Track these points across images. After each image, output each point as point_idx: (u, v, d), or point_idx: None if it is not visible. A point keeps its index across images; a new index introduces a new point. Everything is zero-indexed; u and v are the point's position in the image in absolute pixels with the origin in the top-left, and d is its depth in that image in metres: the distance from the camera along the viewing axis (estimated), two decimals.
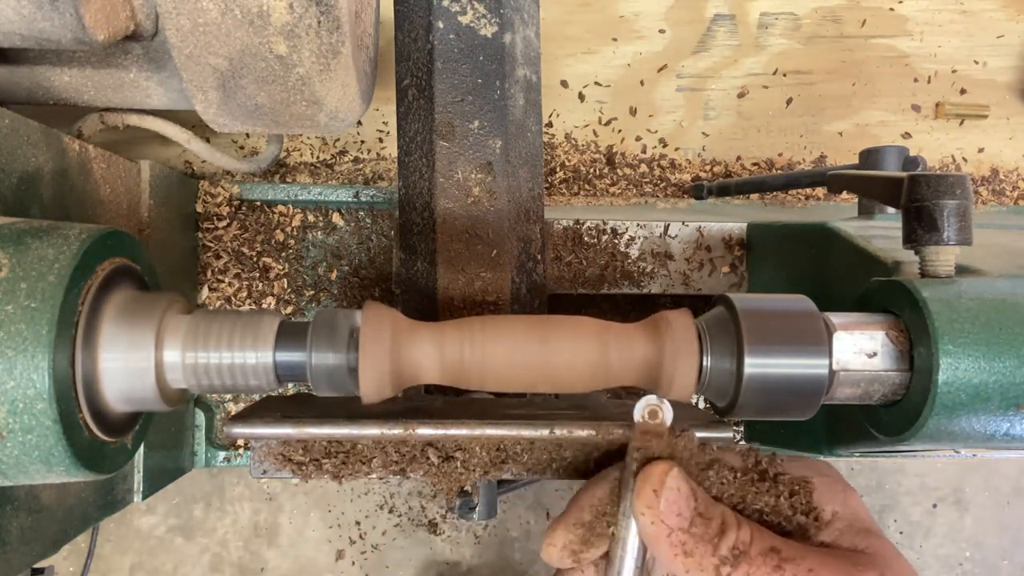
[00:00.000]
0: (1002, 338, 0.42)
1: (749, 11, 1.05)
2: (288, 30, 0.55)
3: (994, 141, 1.07)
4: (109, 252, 0.41)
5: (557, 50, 1.03)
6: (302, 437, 0.45)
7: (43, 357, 0.36)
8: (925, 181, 0.47)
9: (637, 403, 0.44)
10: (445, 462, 0.46)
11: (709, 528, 0.41)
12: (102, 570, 0.98)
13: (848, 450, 0.61)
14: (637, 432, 0.43)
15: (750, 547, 0.41)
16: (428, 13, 0.61)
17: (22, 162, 0.54)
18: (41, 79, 0.64)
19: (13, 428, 0.36)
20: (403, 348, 0.43)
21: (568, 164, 1.02)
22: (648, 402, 0.44)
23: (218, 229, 0.86)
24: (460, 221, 0.61)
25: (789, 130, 1.06)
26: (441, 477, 0.46)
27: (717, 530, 0.42)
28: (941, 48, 1.07)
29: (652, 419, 0.43)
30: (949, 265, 0.47)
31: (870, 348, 0.44)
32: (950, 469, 1.08)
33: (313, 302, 0.88)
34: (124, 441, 0.44)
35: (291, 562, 1.00)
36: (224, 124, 0.64)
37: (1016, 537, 1.08)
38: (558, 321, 0.45)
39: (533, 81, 0.65)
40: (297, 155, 0.98)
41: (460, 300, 0.61)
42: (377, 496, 1.01)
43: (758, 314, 0.43)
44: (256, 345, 0.42)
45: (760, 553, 0.41)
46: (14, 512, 0.53)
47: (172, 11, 0.54)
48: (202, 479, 0.99)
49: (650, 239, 0.80)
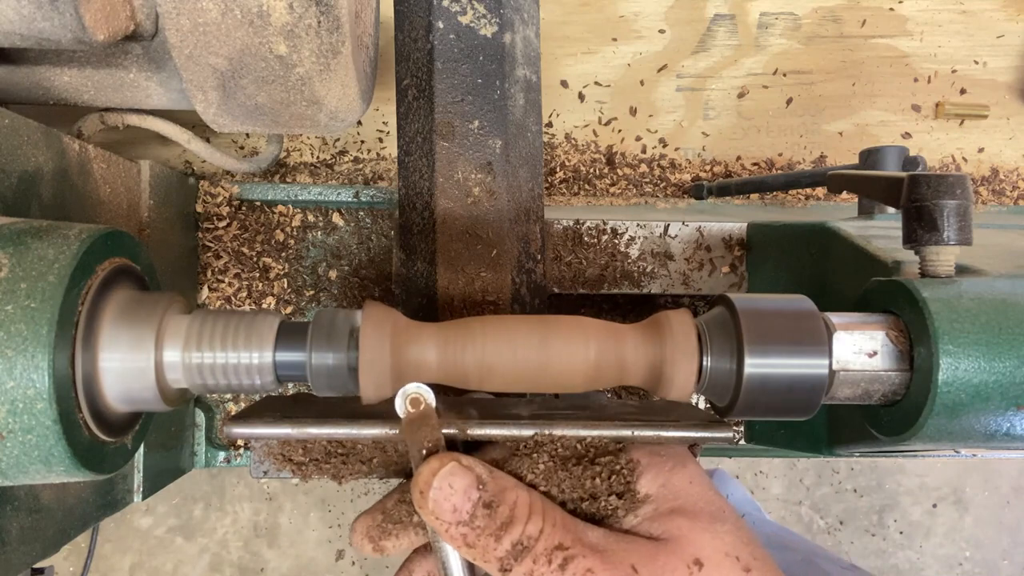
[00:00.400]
0: (1002, 338, 0.42)
1: (749, 11, 1.05)
2: (288, 30, 0.55)
3: (994, 141, 1.07)
4: (109, 252, 0.41)
5: (557, 50, 1.03)
6: (302, 437, 0.45)
7: (43, 357, 0.36)
8: (925, 181, 0.47)
9: (396, 397, 0.42)
10: None
11: (493, 520, 0.40)
12: (102, 570, 0.98)
13: (848, 450, 0.61)
14: (405, 426, 0.42)
15: (536, 542, 0.40)
16: (428, 13, 0.61)
17: (22, 162, 0.54)
18: (41, 79, 0.64)
19: (13, 428, 0.36)
20: (403, 348, 0.43)
21: (568, 164, 1.02)
22: (406, 392, 0.42)
23: (218, 229, 0.86)
24: (460, 221, 0.61)
25: (789, 130, 1.06)
26: None
27: (503, 522, 0.40)
28: (941, 48, 1.07)
29: (415, 407, 0.42)
30: (949, 265, 0.47)
31: (870, 348, 0.44)
32: (950, 469, 1.08)
33: (313, 302, 0.88)
34: (124, 441, 0.44)
35: (291, 562, 1.00)
36: (224, 124, 0.64)
37: (1016, 537, 1.08)
38: (558, 321, 0.45)
39: (533, 81, 0.65)
40: (297, 155, 0.98)
41: (460, 300, 0.61)
42: (377, 496, 1.01)
43: (758, 314, 0.43)
44: (256, 345, 0.42)
45: (545, 549, 0.40)
46: (14, 512, 0.53)
47: (172, 11, 0.54)
48: (202, 479, 0.99)
49: (650, 239, 0.80)
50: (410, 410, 0.42)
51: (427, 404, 0.42)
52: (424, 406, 0.42)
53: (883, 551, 1.30)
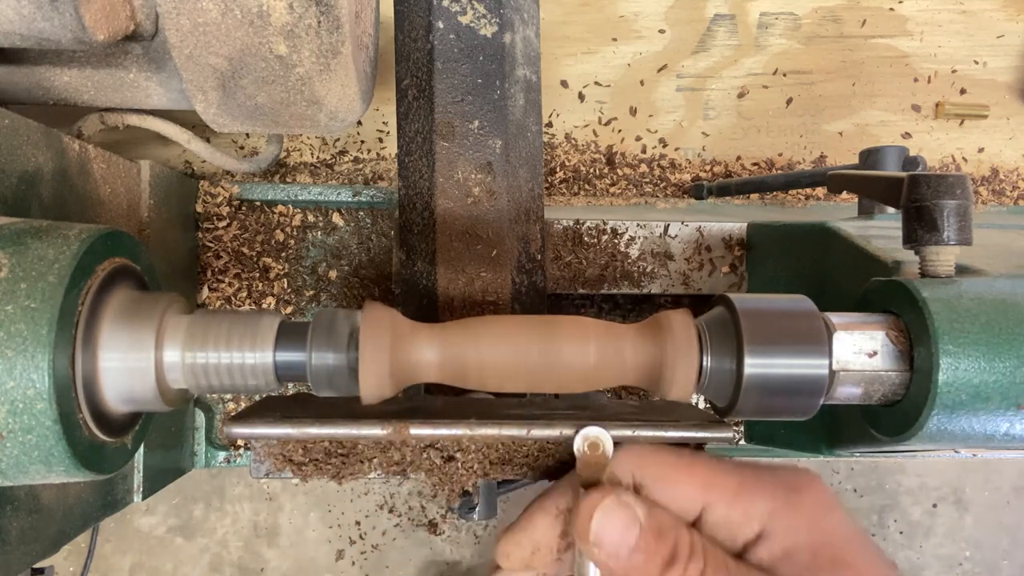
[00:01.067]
0: (1002, 338, 0.42)
1: (749, 11, 1.05)
2: (288, 30, 0.55)
3: (994, 141, 1.07)
4: (109, 252, 0.41)
5: (557, 50, 1.03)
6: (302, 437, 0.45)
7: (43, 357, 0.36)
8: (925, 181, 0.47)
9: (575, 438, 0.43)
10: (446, 462, 0.46)
11: (656, 556, 0.40)
12: (102, 570, 0.98)
13: (848, 450, 0.61)
14: (579, 467, 0.43)
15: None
16: (428, 13, 0.61)
17: (22, 162, 0.54)
18: (41, 79, 0.64)
19: (13, 428, 0.36)
20: (403, 348, 0.43)
21: (568, 164, 1.02)
22: (587, 436, 0.43)
23: (218, 229, 0.86)
24: (460, 221, 0.61)
25: (789, 130, 1.06)
26: (442, 477, 0.46)
27: (666, 558, 0.40)
28: (941, 48, 1.07)
29: (593, 451, 0.43)
30: (949, 265, 0.47)
31: (870, 348, 0.44)
32: (950, 469, 1.08)
33: (313, 302, 0.88)
34: (124, 441, 0.44)
35: (291, 562, 1.00)
36: (224, 124, 0.64)
37: (1016, 537, 1.08)
38: (558, 321, 0.45)
39: (533, 81, 0.65)
40: (297, 155, 0.98)
41: (460, 300, 0.61)
42: (377, 496, 1.01)
43: (758, 314, 0.43)
44: (256, 345, 0.42)
45: None
46: (14, 512, 0.53)
47: (172, 11, 0.54)
48: (202, 479, 0.99)
49: (650, 239, 0.80)
50: (586, 452, 0.43)
51: (604, 452, 0.43)
52: (601, 453, 0.43)
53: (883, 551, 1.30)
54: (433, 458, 0.46)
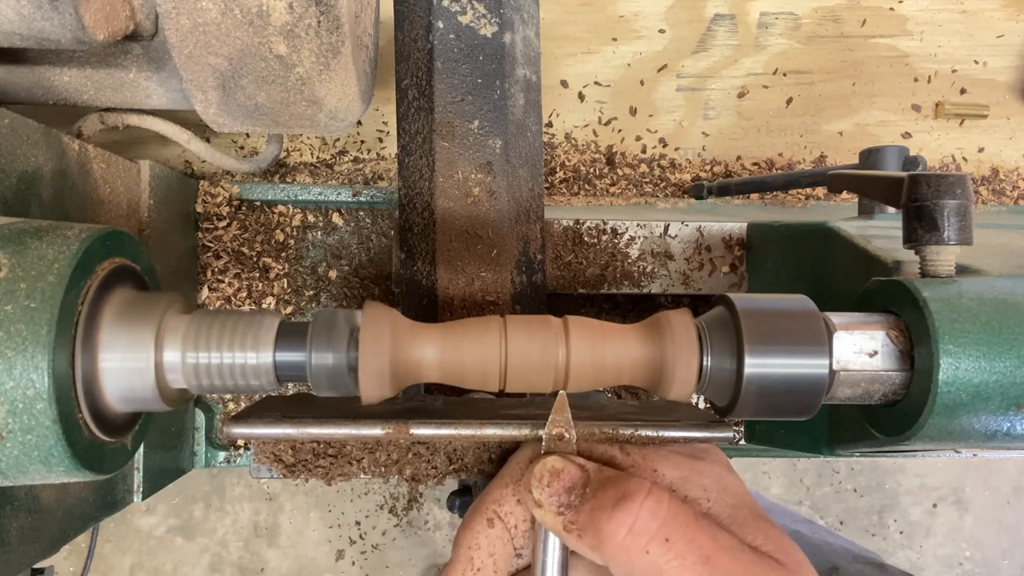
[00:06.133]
0: (1002, 338, 0.42)
1: (749, 11, 1.05)
2: (288, 30, 0.55)
3: (994, 141, 1.07)
4: (109, 252, 0.41)
5: (557, 50, 1.03)
6: (302, 437, 0.45)
7: (43, 357, 0.36)
8: (925, 181, 0.47)
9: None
10: (446, 462, 0.46)
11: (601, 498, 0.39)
12: (102, 570, 0.98)
13: (848, 450, 0.61)
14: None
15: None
16: (428, 13, 0.61)
17: (22, 162, 0.53)
18: (41, 79, 0.64)
19: (13, 428, 0.36)
20: (403, 348, 0.43)
21: (568, 164, 1.02)
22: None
23: (218, 229, 0.86)
24: (460, 221, 0.61)
25: (789, 130, 1.06)
26: (440, 477, 0.46)
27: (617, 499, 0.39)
28: (941, 48, 1.07)
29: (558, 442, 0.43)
30: (949, 265, 0.47)
31: (870, 348, 0.44)
32: (950, 469, 1.08)
33: (313, 302, 0.88)
34: (124, 441, 0.44)
35: (291, 562, 1.00)
36: (224, 124, 0.64)
37: (1016, 537, 1.08)
38: (558, 321, 0.45)
39: (533, 81, 0.65)
40: (297, 155, 0.98)
41: (460, 300, 0.61)
42: (377, 496, 1.01)
43: (758, 314, 0.43)
44: (256, 345, 0.42)
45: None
46: (14, 512, 0.53)
47: (172, 11, 0.53)
48: (202, 479, 0.99)
49: (650, 239, 0.80)
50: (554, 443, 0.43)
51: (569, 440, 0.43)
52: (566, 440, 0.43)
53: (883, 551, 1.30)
54: (430, 457, 0.46)
